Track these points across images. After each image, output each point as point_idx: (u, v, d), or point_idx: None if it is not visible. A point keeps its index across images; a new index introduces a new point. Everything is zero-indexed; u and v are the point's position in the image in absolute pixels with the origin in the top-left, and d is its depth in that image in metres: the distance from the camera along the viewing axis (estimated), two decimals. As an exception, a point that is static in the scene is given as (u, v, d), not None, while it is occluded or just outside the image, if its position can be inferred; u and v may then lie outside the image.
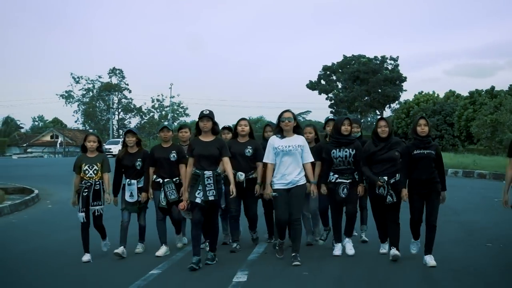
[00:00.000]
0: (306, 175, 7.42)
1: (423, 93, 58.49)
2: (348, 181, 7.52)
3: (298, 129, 7.49)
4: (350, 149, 7.52)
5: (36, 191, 15.94)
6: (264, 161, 7.47)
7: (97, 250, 7.78)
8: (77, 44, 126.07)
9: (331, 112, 63.62)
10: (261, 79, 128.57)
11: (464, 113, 46.18)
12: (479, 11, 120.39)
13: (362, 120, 59.27)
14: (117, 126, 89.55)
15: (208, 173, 7.10)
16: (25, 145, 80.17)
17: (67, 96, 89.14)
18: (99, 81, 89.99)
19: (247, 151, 7.99)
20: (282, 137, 7.33)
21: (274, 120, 7.96)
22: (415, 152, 7.08)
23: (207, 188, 7.05)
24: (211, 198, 7.06)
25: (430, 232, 7.12)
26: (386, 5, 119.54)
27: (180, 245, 8.35)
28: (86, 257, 7.53)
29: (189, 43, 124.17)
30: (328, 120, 8.55)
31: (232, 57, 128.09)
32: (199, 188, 7.07)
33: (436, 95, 57.95)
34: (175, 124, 79.82)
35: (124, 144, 8.11)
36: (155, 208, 7.99)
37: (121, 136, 76.36)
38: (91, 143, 7.64)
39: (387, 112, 66.04)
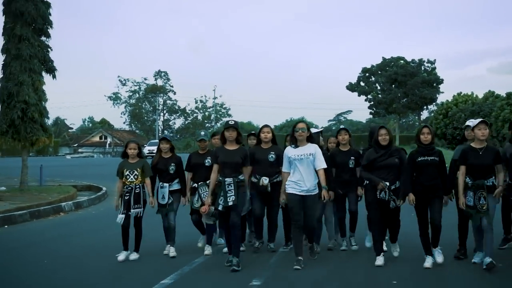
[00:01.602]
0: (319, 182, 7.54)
1: (461, 94, 58.58)
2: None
3: (311, 139, 7.69)
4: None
5: (104, 188, 18.04)
6: (282, 170, 7.70)
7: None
8: (125, 47, 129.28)
9: (370, 113, 64.62)
10: (302, 79, 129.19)
11: (501, 114, 46.39)
12: None
13: (402, 121, 60.08)
14: (162, 127, 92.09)
15: (229, 180, 7.40)
16: (75, 145, 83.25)
17: (115, 98, 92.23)
18: (145, 83, 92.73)
19: (270, 156, 8.23)
20: (296, 146, 7.57)
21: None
22: (419, 159, 7.31)
23: (228, 194, 7.34)
24: (230, 203, 7.33)
25: (435, 233, 7.34)
26: (430, 4, 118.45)
27: (200, 244, 8.58)
28: (122, 256, 7.94)
29: (230, 44, 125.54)
30: (340, 129, 8.75)
31: (273, 56, 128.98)
32: (221, 195, 7.40)
33: (475, 95, 58.06)
34: (218, 124, 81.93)
35: (159, 150, 8.48)
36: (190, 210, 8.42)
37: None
38: (132, 150, 8.09)
39: (424, 114, 66.55)
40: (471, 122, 7.76)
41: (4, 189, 16.80)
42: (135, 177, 7.98)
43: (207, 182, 7.90)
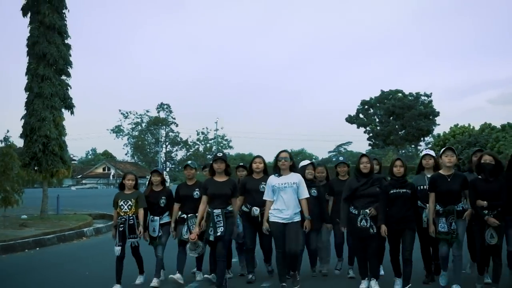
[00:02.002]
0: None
1: (458, 126, 59.81)
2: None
3: (294, 168, 7.76)
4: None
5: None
6: (264, 198, 7.71)
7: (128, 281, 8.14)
8: (127, 80, 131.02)
9: (369, 144, 65.89)
10: (303, 112, 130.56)
11: (496, 145, 47.46)
12: None
13: (401, 152, 61.24)
14: (164, 158, 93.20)
15: (217, 211, 7.48)
16: (79, 176, 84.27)
17: (117, 130, 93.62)
18: (147, 115, 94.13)
19: (261, 186, 8.05)
20: (279, 175, 7.64)
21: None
22: (391, 191, 7.28)
23: (217, 225, 7.43)
24: (219, 234, 7.42)
25: (406, 267, 7.28)
26: (429, 37, 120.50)
27: (199, 278, 8.50)
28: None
29: (231, 74, 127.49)
30: (339, 163, 8.84)
31: (275, 89, 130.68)
32: (210, 226, 7.48)
33: (471, 127, 59.41)
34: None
35: (150, 183, 8.47)
36: (177, 241, 8.25)
37: (167, 169, 79.92)
38: (130, 181, 8.12)
39: (422, 146, 67.83)
40: (428, 151, 8.12)
41: (26, 217, 17.93)
42: (129, 207, 7.98)
43: (197, 214, 7.85)
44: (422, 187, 7.70)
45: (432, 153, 8.07)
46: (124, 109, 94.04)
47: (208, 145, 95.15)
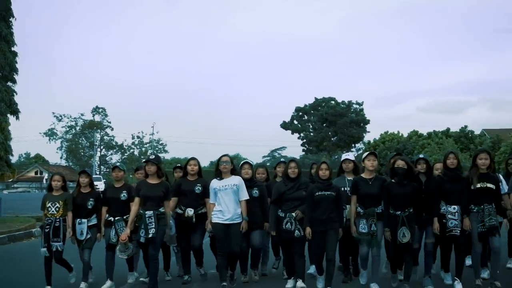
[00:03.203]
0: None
1: (388, 133, 62.32)
2: None
3: (234, 171, 7.97)
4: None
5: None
6: (210, 202, 7.89)
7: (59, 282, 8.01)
8: (61, 83, 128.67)
9: (303, 150, 67.72)
10: (238, 117, 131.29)
11: (422, 152, 50.30)
12: (452, 50, 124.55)
13: (335, 158, 63.17)
14: (98, 162, 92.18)
15: (149, 213, 7.46)
16: (10, 180, 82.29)
17: (50, 134, 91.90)
18: (81, 119, 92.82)
19: (196, 188, 8.15)
20: (221, 178, 7.86)
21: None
22: (317, 193, 7.34)
23: (148, 227, 7.40)
24: (150, 235, 7.40)
25: (329, 266, 7.38)
26: (362, 45, 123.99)
27: (131, 280, 8.37)
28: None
29: (168, 79, 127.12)
30: (279, 162, 8.99)
31: (211, 94, 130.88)
32: (142, 227, 7.44)
33: (400, 134, 61.72)
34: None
35: (78, 184, 8.20)
36: (105, 245, 8.08)
37: (102, 173, 79.28)
38: (56, 182, 7.89)
39: (353, 152, 70.24)
40: (347, 155, 8.33)
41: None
42: (56, 209, 7.79)
43: (124, 217, 7.88)
44: (342, 188, 7.81)
45: (351, 157, 8.29)
46: (58, 112, 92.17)
47: (143, 149, 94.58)
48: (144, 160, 7.98)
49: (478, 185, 7.42)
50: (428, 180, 7.83)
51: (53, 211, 7.78)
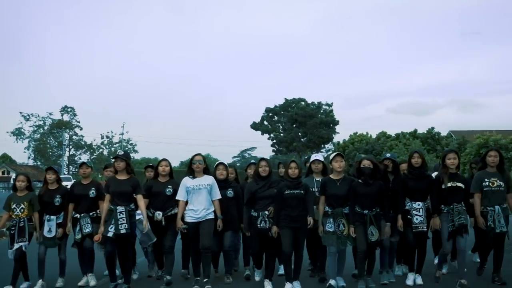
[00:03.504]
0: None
1: (357, 134, 63.07)
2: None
3: (207, 171, 8.08)
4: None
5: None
6: (177, 198, 7.91)
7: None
8: (29, 82, 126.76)
9: (273, 151, 67.99)
10: (208, 117, 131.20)
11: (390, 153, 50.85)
12: (422, 52, 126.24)
13: (302, 158, 63.76)
14: (67, 162, 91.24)
15: (120, 208, 7.46)
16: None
17: (18, 133, 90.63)
18: (50, 118, 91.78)
19: (167, 190, 8.13)
20: (194, 177, 7.95)
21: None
22: (286, 192, 7.46)
23: (119, 222, 7.39)
24: (123, 231, 7.40)
25: (297, 261, 7.60)
26: (332, 46, 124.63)
27: (93, 283, 8.14)
28: (25, 284, 7.90)
29: (139, 79, 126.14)
30: (249, 164, 9.06)
31: (181, 94, 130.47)
32: (112, 223, 7.41)
33: (369, 135, 62.53)
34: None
35: (45, 181, 8.13)
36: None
37: (70, 172, 78.52)
38: (20, 182, 7.87)
39: (322, 153, 70.84)
40: (318, 156, 8.41)
41: None
42: (21, 210, 7.77)
43: (90, 214, 7.93)
44: (311, 189, 7.92)
45: (320, 158, 8.39)
46: (26, 111, 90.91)
47: (112, 149, 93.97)
48: (113, 157, 8.02)
49: (449, 184, 7.67)
50: (395, 179, 8.06)
51: (18, 212, 7.78)
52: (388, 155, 8.41)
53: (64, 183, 8.49)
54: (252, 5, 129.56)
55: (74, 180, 12.20)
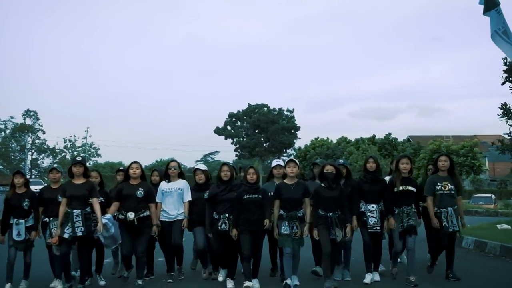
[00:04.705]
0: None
1: (318, 139, 64.61)
2: None
3: (182, 175, 8.76)
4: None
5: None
6: (156, 200, 8.46)
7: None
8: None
9: (236, 155, 68.87)
10: (171, 121, 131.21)
11: (349, 158, 51.28)
12: (385, 57, 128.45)
13: (267, 162, 64.86)
14: (30, 166, 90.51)
15: (76, 211, 7.60)
16: None
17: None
18: (11, 122, 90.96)
19: (138, 192, 8.19)
20: (169, 181, 8.66)
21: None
22: (245, 196, 7.76)
23: (75, 225, 7.53)
24: (79, 234, 7.56)
25: (256, 261, 7.99)
26: (294, 51, 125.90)
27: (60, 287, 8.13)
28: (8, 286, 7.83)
29: (103, 83, 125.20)
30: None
31: (145, 98, 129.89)
32: (68, 225, 7.54)
33: (330, 140, 63.93)
34: (88, 164, 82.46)
35: (12, 185, 8.06)
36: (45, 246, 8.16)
37: (33, 176, 78.06)
38: None
39: (284, 157, 72.12)
40: (279, 161, 8.71)
41: None
42: None
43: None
44: (271, 193, 8.16)
45: (282, 163, 8.59)
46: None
47: (75, 152, 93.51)
48: (71, 162, 8.12)
49: (401, 188, 8.17)
50: (346, 183, 8.47)
51: None
52: (341, 161, 8.94)
53: (36, 187, 8.61)
54: (214, 10, 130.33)
55: (45, 184, 12.70)
